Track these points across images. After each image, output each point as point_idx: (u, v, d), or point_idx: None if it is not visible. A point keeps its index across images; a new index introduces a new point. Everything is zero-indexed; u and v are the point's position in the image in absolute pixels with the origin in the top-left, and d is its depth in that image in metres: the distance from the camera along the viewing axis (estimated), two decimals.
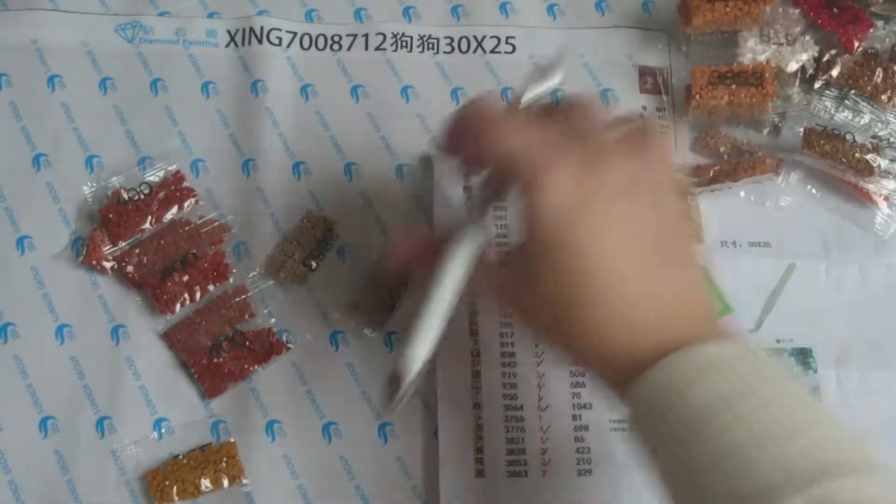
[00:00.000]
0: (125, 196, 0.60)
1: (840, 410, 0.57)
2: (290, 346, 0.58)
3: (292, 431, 0.57)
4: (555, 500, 0.55)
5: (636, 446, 0.42)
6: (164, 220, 0.61)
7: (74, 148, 0.63)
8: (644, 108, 0.65)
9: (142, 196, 0.61)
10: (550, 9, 0.68)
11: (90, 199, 0.61)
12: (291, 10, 0.67)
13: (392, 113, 0.65)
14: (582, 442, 0.56)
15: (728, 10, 0.63)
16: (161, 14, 0.67)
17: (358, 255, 0.61)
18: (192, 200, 0.61)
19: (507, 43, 0.67)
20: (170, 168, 0.62)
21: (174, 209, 0.61)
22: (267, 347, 0.58)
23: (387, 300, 0.58)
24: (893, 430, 0.57)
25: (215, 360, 0.57)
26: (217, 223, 0.61)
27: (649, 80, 0.66)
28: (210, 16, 0.67)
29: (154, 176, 0.62)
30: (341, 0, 0.68)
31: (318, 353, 0.59)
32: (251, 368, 0.57)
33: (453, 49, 0.67)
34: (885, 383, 0.58)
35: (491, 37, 0.67)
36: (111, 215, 0.60)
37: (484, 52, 0.67)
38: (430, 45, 0.67)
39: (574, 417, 0.57)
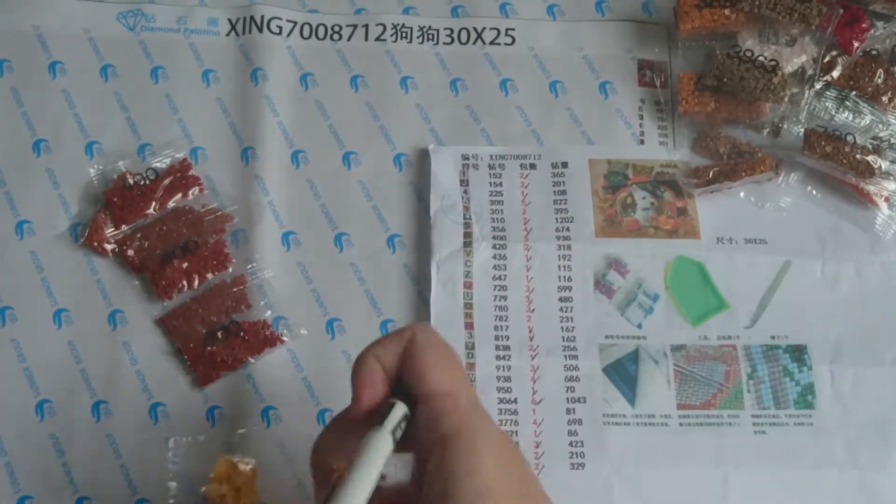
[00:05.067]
0: (131, 181, 0.61)
1: (835, 407, 0.57)
2: (284, 338, 0.58)
3: (288, 418, 0.57)
4: (548, 493, 0.55)
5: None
6: (168, 207, 0.61)
7: (75, 134, 0.63)
8: (642, 100, 0.65)
9: (147, 181, 0.61)
10: (550, 9, 0.68)
11: (95, 182, 0.61)
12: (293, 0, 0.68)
13: (391, 103, 0.65)
14: (576, 436, 0.56)
15: (716, 17, 0.63)
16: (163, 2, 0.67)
17: None
18: (197, 189, 0.62)
19: (506, 35, 0.67)
20: (177, 155, 0.62)
21: (178, 196, 0.61)
22: (261, 339, 0.58)
23: None
24: (887, 426, 0.57)
25: (209, 348, 0.57)
26: (220, 212, 0.61)
27: (648, 73, 0.66)
28: (212, 4, 0.67)
29: (160, 163, 0.62)
30: None
31: (314, 341, 0.59)
32: (244, 359, 0.58)
33: (453, 40, 0.67)
34: (879, 380, 0.58)
35: (491, 28, 0.67)
36: (116, 199, 0.60)
37: (484, 43, 0.67)
38: (430, 37, 0.67)
39: (568, 411, 0.57)
